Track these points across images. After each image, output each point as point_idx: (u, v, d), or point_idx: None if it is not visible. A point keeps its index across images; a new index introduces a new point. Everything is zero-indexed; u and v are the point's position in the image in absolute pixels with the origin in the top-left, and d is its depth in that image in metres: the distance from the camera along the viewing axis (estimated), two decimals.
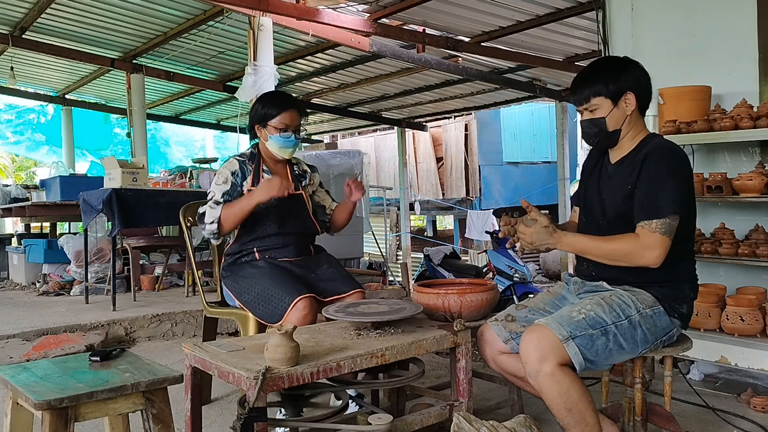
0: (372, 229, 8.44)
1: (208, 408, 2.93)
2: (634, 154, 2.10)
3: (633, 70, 2.12)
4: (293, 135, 2.71)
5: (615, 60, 2.19)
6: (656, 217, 1.96)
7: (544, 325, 1.95)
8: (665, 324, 2.06)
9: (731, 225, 3.18)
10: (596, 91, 2.10)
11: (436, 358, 3.68)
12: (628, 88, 2.09)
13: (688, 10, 3.53)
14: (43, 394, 1.66)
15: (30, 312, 5.00)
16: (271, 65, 5.72)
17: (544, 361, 1.89)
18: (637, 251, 1.97)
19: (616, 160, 2.17)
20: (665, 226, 1.95)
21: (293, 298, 2.42)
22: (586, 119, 2.15)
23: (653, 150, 2.05)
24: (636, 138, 2.14)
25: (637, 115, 2.13)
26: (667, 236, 1.95)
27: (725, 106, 3.20)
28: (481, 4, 5.95)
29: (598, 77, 2.11)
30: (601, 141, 2.18)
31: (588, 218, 2.26)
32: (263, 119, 2.71)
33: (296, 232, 2.74)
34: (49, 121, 15.01)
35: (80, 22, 7.29)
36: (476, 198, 14.77)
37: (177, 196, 4.93)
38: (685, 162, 2.06)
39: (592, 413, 1.93)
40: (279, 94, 2.93)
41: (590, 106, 2.12)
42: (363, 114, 12.04)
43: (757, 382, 3.13)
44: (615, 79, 2.09)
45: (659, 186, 1.98)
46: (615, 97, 2.09)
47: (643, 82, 2.13)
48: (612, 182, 2.15)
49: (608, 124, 2.11)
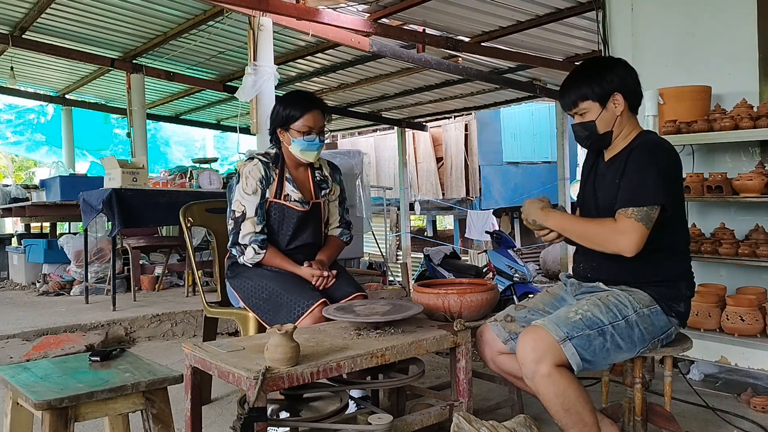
0: (372, 229, 8.44)
1: (208, 408, 2.93)
2: (622, 152, 2.11)
3: (618, 70, 2.10)
4: (317, 137, 2.60)
5: (599, 61, 2.19)
6: (633, 204, 1.97)
7: (540, 327, 1.95)
8: (663, 323, 2.06)
9: (731, 225, 3.18)
10: (583, 95, 2.09)
11: (436, 358, 3.68)
12: (614, 88, 2.08)
13: (688, 10, 3.53)
14: (43, 394, 1.66)
15: (30, 312, 5.00)
16: (271, 65, 5.72)
17: (541, 362, 1.89)
18: (610, 234, 1.99)
19: (609, 158, 2.18)
20: (641, 213, 1.95)
21: (309, 303, 2.38)
22: (577, 123, 2.15)
23: (640, 144, 2.06)
24: (629, 136, 2.13)
25: (628, 113, 2.13)
26: (642, 224, 1.95)
27: (725, 106, 3.20)
28: (481, 4, 5.95)
29: (583, 81, 2.11)
30: (593, 144, 2.18)
31: (584, 216, 2.27)
32: (285, 122, 2.59)
33: (308, 243, 2.70)
34: (49, 121, 15.00)
35: (80, 22, 7.29)
36: (476, 198, 14.78)
37: (177, 196, 4.92)
38: (671, 156, 2.05)
39: (590, 413, 1.93)
40: (300, 94, 2.70)
41: (579, 110, 2.12)
42: (363, 114, 12.04)
43: (757, 382, 3.13)
44: (600, 82, 2.07)
45: (640, 176, 1.99)
46: (603, 100, 2.08)
47: (629, 80, 2.11)
48: (605, 180, 2.16)
49: (599, 127, 2.11)
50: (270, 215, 2.63)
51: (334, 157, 7.71)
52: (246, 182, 2.59)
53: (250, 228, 2.56)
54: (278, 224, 2.64)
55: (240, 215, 2.58)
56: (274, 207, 2.63)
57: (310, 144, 2.60)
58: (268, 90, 5.62)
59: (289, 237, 2.64)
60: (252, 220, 2.57)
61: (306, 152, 2.62)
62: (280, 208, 2.63)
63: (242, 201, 2.58)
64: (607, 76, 2.08)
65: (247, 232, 2.56)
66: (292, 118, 2.58)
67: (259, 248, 2.56)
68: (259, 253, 2.56)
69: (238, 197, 2.59)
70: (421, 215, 16.69)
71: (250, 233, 2.56)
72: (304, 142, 2.59)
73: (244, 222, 2.57)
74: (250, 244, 2.56)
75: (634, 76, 2.13)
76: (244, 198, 2.58)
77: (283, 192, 2.64)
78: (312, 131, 2.59)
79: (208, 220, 3.03)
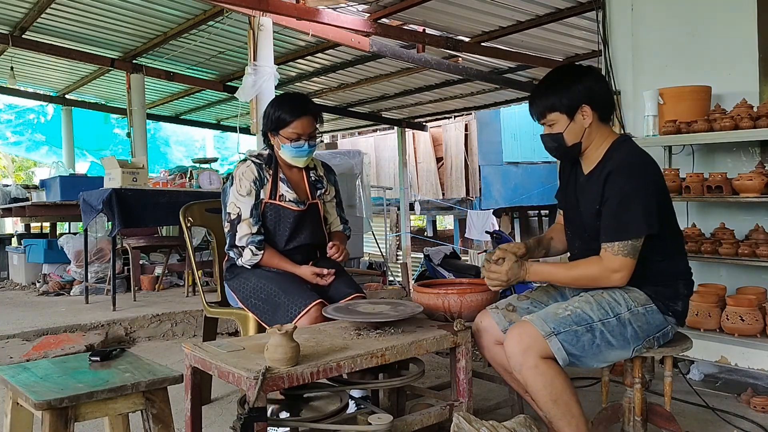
0: (372, 229, 8.44)
1: (208, 408, 2.93)
2: (601, 167, 2.07)
3: (587, 81, 2.05)
4: (306, 143, 2.58)
5: (568, 71, 2.13)
6: (618, 239, 1.96)
7: (527, 322, 1.97)
8: (658, 322, 2.07)
9: (731, 225, 3.18)
10: (551, 106, 2.07)
11: (436, 358, 3.68)
12: (582, 101, 2.04)
13: (688, 10, 3.53)
14: (43, 394, 1.66)
15: (30, 312, 5.00)
16: (271, 65, 5.72)
17: (527, 354, 1.91)
18: (603, 276, 1.99)
19: (588, 171, 2.14)
20: (628, 248, 1.95)
21: (305, 303, 2.38)
22: (546, 134, 2.13)
23: (615, 168, 2.00)
24: (602, 146, 2.10)
25: (597, 124, 2.08)
26: (630, 257, 1.96)
27: (725, 106, 3.20)
28: (481, 4, 5.95)
29: (551, 92, 2.07)
30: (562, 155, 2.17)
31: (572, 231, 2.26)
32: (275, 127, 2.58)
33: (306, 243, 2.69)
34: (49, 121, 15.00)
35: (80, 22, 7.29)
36: (476, 198, 14.78)
37: (177, 196, 4.92)
38: (650, 172, 2.02)
39: (577, 405, 1.95)
40: (293, 98, 2.65)
41: (547, 121, 2.09)
42: (363, 114, 12.04)
43: (757, 382, 3.13)
44: (567, 93, 2.04)
45: (621, 207, 1.97)
46: (570, 112, 2.05)
47: (598, 91, 2.07)
48: (586, 195, 2.13)
49: (566, 139, 2.08)
50: (266, 216, 2.63)
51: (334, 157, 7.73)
52: (240, 184, 2.59)
53: (246, 229, 2.56)
54: (274, 225, 2.63)
55: (235, 217, 2.58)
56: (270, 208, 2.62)
57: (298, 150, 2.59)
58: (268, 90, 5.62)
59: (287, 237, 2.64)
60: (248, 222, 2.57)
61: (295, 158, 2.63)
62: (275, 209, 2.63)
63: (237, 203, 2.58)
64: (576, 87, 2.04)
65: (243, 233, 2.56)
66: (281, 123, 2.57)
67: (256, 249, 2.56)
68: (257, 254, 2.56)
69: (233, 199, 2.59)
70: (421, 215, 16.69)
71: (246, 234, 2.56)
72: (293, 148, 2.59)
73: (239, 224, 2.57)
74: (248, 245, 2.56)
75: (603, 86, 2.10)
76: (239, 200, 2.58)
77: (277, 192, 2.63)
78: (301, 138, 2.57)
79: (208, 220, 3.03)
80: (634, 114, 3.70)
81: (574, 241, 2.27)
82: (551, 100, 2.06)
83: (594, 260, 2.03)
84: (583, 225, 2.16)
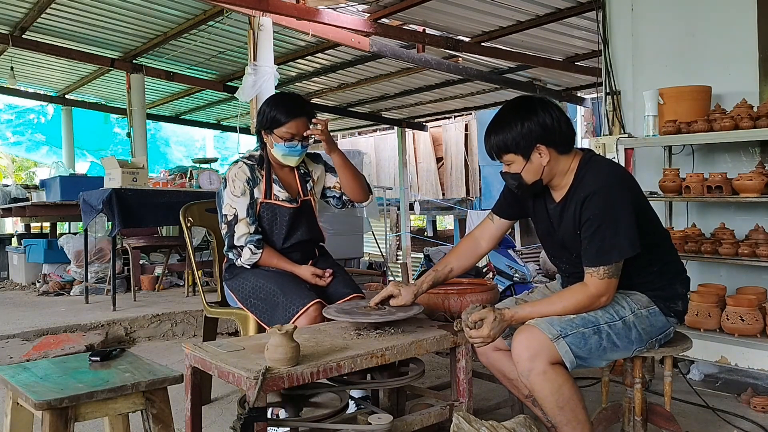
0: (372, 229, 8.43)
1: (208, 408, 2.93)
2: (574, 191, 2.02)
3: (539, 117, 1.97)
4: (300, 144, 2.60)
5: (520, 107, 2.03)
6: (603, 263, 1.94)
7: (533, 326, 1.95)
8: (661, 324, 2.07)
9: (731, 225, 3.18)
10: (504, 148, 2.01)
11: (436, 358, 3.68)
12: (536, 141, 1.97)
13: (688, 10, 3.54)
14: (43, 394, 1.66)
15: (30, 312, 5.00)
16: (271, 65, 5.71)
17: (535, 360, 1.89)
18: (591, 301, 1.97)
19: (559, 198, 2.09)
20: (611, 269, 1.94)
21: (303, 303, 2.39)
22: (505, 171, 2.08)
23: (592, 192, 1.95)
24: (569, 172, 2.04)
25: (557, 157, 2.01)
26: (614, 278, 1.96)
27: (725, 106, 3.20)
28: (481, 4, 5.95)
29: (504, 133, 2.00)
30: (524, 192, 2.12)
31: (555, 255, 2.24)
32: (269, 126, 2.60)
33: (302, 240, 2.69)
34: (49, 121, 15.03)
35: (80, 22, 7.28)
36: (476, 198, 14.76)
37: (177, 196, 4.92)
38: (625, 188, 1.98)
39: (583, 411, 1.94)
40: (288, 99, 2.66)
41: (504, 161, 2.05)
42: (363, 114, 12.04)
43: (757, 382, 3.13)
44: (519, 135, 1.97)
45: (603, 230, 1.93)
46: (525, 153, 1.99)
47: (551, 126, 1.98)
48: (561, 221, 2.08)
49: (525, 178, 2.03)
50: (262, 217, 2.64)
51: None
52: (233, 185, 2.60)
53: (244, 229, 2.57)
54: (270, 224, 2.64)
55: (232, 218, 2.59)
56: (265, 207, 2.64)
57: (291, 150, 2.61)
58: (268, 90, 5.61)
59: (284, 236, 2.65)
60: (245, 221, 2.58)
61: (287, 157, 2.64)
62: (270, 208, 2.64)
63: (232, 204, 2.59)
64: (527, 126, 1.96)
65: (241, 233, 2.57)
66: (276, 122, 2.58)
67: (255, 248, 2.57)
68: (255, 253, 2.57)
69: (228, 201, 2.60)
70: (421, 215, 16.67)
71: (245, 234, 2.57)
72: (286, 147, 2.60)
73: (237, 224, 2.58)
74: (246, 245, 2.56)
75: (557, 119, 1.99)
76: (234, 201, 2.59)
77: (271, 192, 2.65)
78: (294, 138, 2.59)
79: (208, 220, 3.03)
80: (634, 114, 3.71)
81: (560, 264, 2.25)
82: (505, 140, 2.00)
83: (578, 289, 1.99)
84: (565, 248, 2.12)
